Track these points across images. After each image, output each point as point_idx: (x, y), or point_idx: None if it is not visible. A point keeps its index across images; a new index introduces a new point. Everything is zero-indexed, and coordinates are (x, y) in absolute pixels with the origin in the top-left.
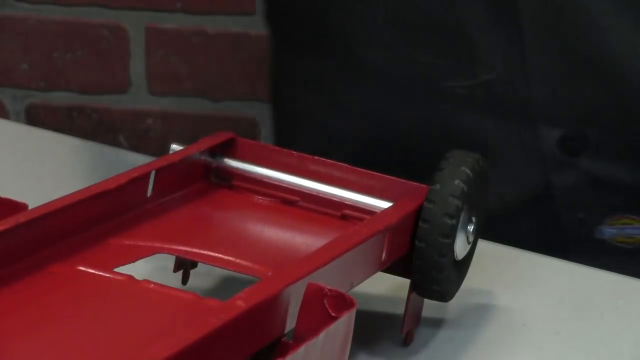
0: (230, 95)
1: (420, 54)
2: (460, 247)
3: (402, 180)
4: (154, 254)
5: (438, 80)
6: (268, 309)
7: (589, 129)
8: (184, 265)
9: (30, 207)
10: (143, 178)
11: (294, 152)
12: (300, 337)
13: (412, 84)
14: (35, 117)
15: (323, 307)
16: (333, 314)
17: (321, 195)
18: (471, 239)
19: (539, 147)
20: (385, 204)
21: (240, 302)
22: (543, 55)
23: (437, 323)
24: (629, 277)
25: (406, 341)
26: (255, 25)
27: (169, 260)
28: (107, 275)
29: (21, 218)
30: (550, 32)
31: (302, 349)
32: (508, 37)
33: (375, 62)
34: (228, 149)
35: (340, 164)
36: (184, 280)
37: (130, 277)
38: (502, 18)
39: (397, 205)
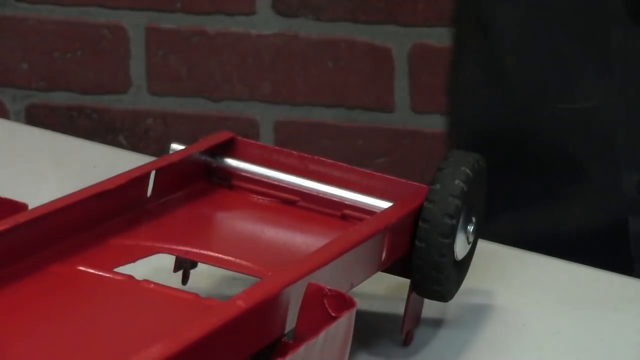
0: (230, 95)
1: (542, 69)
2: (460, 247)
3: (402, 180)
4: (154, 254)
5: (554, 99)
6: (268, 309)
7: None
8: (184, 265)
9: (30, 207)
10: (143, 178)
11: (294, 152)
12: (300, 337)
13: (532, 95)
14: (35, 117)
15: (323, 307)
16: (333, 314)
17: (321, 195)
18: (471, 239)
19: (620, 186)
20: (385, 204)
21: (240, 302)
22: (628, 100)
23: (437, 323)
24: (629, 277)
25: (406, 341)
26: (255, 25)
27: (169, 260)
28: (107, 275)
29: (21, 218)
30: (636, 78)
31: (302, 349)
32: (604, 75)
33: (509, 64)
34: (228, 148)
35: (340, 163)
36: (184, 280)
37: (130, 277)
38: (599, 56)
39: (397, 205)
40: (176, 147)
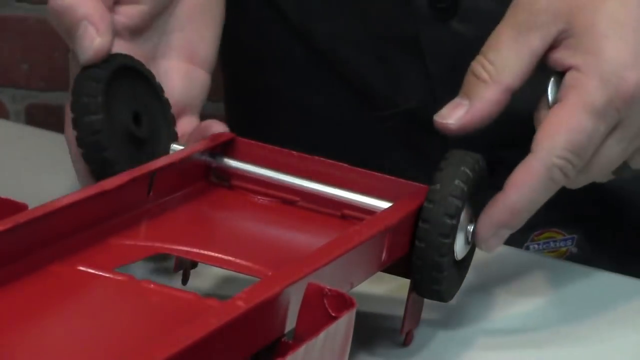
0: None
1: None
2: (460, 247)
3: (402, 180)
4: (154, 254)
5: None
6: (268, 309)
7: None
8: (184, 265)
9: (30, 207)
10: (143, 178)
11: (294, 152)
12: (300, 337)
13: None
14: (35, 117)
15: (323, 307)
16: (333, 314)
17: (321, 195)
18: (471, 239)
19: None
20: (385, 204)
21: (240, 303)
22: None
23: (436, 323)
24: (629, 277)
25: (406, 341)
26: None
27: (169, 260)
28: (108, 275)
29: (21, 218)
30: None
31: (302, 349)
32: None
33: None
34: (228, 149)
35: (340, 163)
36: (184, 280)
37: (131, 277)
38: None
39: (397, 205)
40: (176, 147)
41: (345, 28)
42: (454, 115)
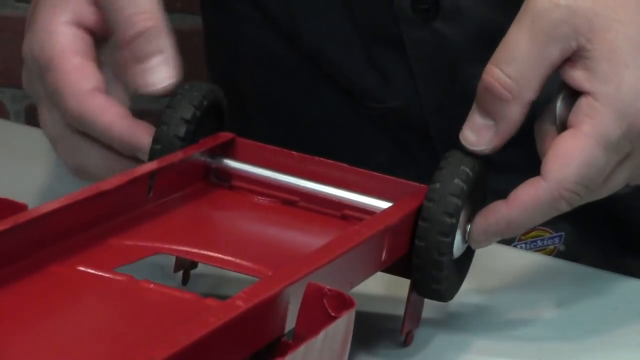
0: None
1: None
2: (457, 246)
3: (402, 181)
4: (154, 254)
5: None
6: (267, 309)
7: None
8: (184, 266)
9: (30, 207)
10: (143, 178)
11: (294, 153)
12: (300, 336)
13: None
14: (35, 117)
15: (323, 306)
16: (333, 314)
17: (321, 195)
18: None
19: None
20: (385, 204)
21: (240, 302)
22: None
23: (437, 324)
24: (629, 277)
25: (406, 342)
26: None
27: (169, 260)
28: (107, 275)
29: (21, 218)
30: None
31: (301, 349)
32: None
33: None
34: (228, 149)
35: (340, 164)
36: (184, 280)
37: (131, 277)
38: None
39: (397, 205)
40: None
41: (333, 28)
42: (484, 141)
